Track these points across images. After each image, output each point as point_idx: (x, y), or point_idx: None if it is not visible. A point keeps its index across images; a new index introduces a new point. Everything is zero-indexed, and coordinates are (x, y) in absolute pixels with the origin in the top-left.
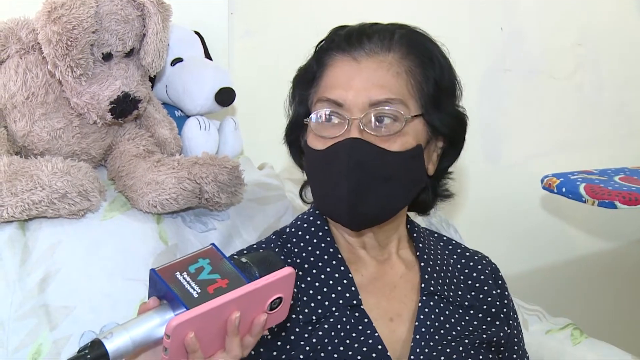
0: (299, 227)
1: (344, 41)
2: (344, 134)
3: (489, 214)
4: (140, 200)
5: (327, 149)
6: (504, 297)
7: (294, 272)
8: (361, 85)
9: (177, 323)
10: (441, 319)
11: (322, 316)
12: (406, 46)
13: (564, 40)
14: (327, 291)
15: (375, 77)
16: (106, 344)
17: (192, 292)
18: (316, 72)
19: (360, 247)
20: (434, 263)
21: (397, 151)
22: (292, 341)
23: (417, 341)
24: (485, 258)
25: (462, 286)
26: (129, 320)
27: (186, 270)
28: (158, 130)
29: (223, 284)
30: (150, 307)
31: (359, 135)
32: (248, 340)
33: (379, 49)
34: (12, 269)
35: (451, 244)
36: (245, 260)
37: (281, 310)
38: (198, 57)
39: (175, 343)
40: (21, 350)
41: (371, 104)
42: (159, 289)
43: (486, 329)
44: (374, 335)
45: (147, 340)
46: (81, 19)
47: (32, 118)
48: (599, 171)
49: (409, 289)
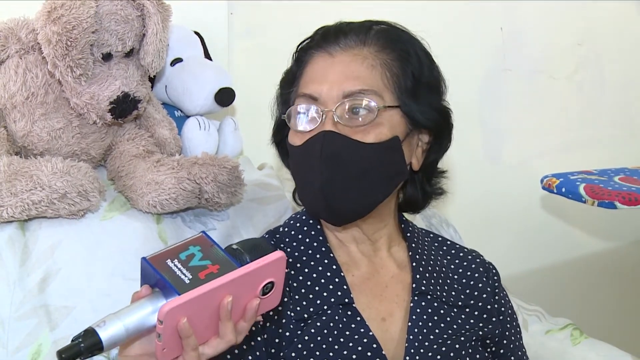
0: (291, 226)
1: (321, 39)
2: (319, 128)
3: (488, 214)
4: (140, 200)
5: (303, 144)
6: (499, 295)
7: (284, 256)
8: (335, 78)
9: (169, 308)
10: (434, 318)
11: (314, 314)
12: (383, 40)
13: (564, 40)
14: (319, 290)
15: (348, 70)
16: (99, 333)
17: (184, 278)
18: (296, 72)
19: (351, 241)
20: (426, 263)
21: (371, 142)
22: (287, 337)
23: (411, 341)
24: (480, 257)
25: (456, 286)
26: (122, 308)
27: (177, 258)
28: (158, 130)
29: (214, 270)
30: (142, 295)
31: (332, 128)
32: (242, 326)
33: (354, 43)
34: (12, 269)
35: (446, 244)
36: (235, 247)
37: (274, 295)
38: (198, 57)
39: (168, 329)
40: (21, 350)
41: (344, 96)
42: (151, 277)
43: (482, 327)
44: (368, 334)
45: (140, 327)
46: (81, 19)
47: (32, 118)
48: (598, 171)
49: (400, 289)
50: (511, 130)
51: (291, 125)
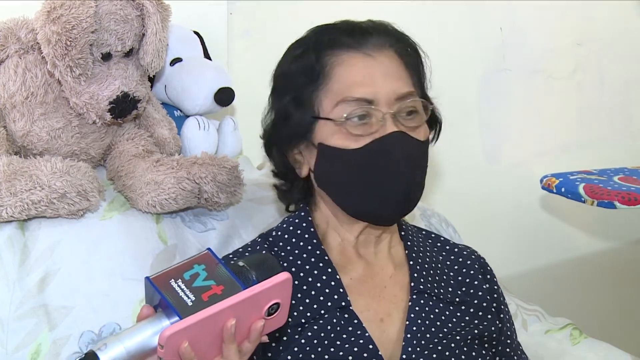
0: (285, 230)
1: (347, 38)
2: (382, 130)
3: (488, 214)
4: (139, 200)
5: (367, 145)
6: (494, 291)
7: (290, 278)
8: (383, 80)
9: (170, 333)
10: (431, 316)
11: (312, 318)
12: (402, 42)
13: (564, 40)
14: (315, 294)
15: (391, 71)
16: (101, 356)
17: (186, 300)
18: (319, 71)
19: (361, 244)
20: (422, 261)
21: (424, 140)
22: (284, 342)
23: (409, 340)
24: (474, 253)
25: (452, 282)
26: (123, 330)
27: (181, 278)
28: (157, 130)
29: (218, 291)
30: (144, 315)
31: (396, 128)
32: (246, 347)
33: (382, 44)
34: (12, 268)
35: (440, 241)
36: (242, 264)
37: (279, 316)
38: (197, 57)
39: (170, 353)
40: (20, 350)
41: (397, 98)
42: (154, 297)
43: (477, 324)
44: (364, 335)
45: (142, 350)
46: (80, 19)
47: (32, 118)
48: (598, 171)
49: (398, 288)
50: (510, 130)
51: (348, 128)
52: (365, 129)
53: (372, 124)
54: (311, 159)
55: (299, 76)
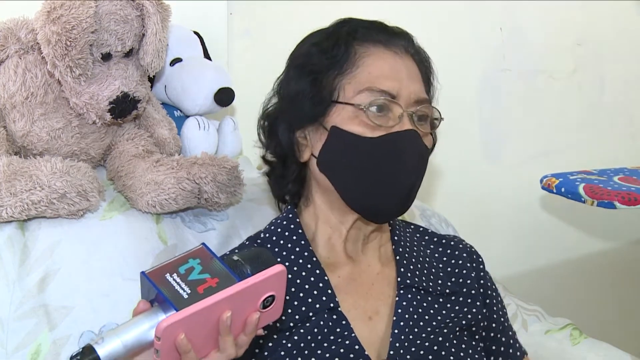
0: (272, 231)
1: (378, 34)
2: (398, 126)
3: (488, 214)
4: (139, 200)
5: (384, 137)
6: (481, 277)
7: (285, 270)
8: (408, 80)
9: (166, 325)
10: (419, 310)
11: (300, 322)
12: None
13: (564, 40)
14: (303, 296)
15: (413, 73)
16: (98, 350)
17: (182, 293)
18: (345, 58)
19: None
20: (409, 255)
21: (429, 148)
22: (268, 347)
23: (396, 336)
24: (462, 242)
25: (442, 274)
26: (121, 324)
27: (176, 272)
28: (157, 130)
29: (213, 284)
30: (140, 310)
31: (412, 127)
32: (242, 339)
33: (405, 48)
34: (12, 269)
35: (428, 234)
36: (236, 258)
37: (275, 308)
38: (197, 57)
39: (166, 345)
40: (20, 350)
41: (416, 100)
42: (150, 292)
43: (466, 313)
44: (350, 335)
45: (139, 343)
46: (80, 19)
47: (32, 118)
48: (598, 171)
49: (385, 285)
50: (510, 130)
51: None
52: (383, 121)
53: (390, 118)
54: (317, 143)
55: (322, 60)
